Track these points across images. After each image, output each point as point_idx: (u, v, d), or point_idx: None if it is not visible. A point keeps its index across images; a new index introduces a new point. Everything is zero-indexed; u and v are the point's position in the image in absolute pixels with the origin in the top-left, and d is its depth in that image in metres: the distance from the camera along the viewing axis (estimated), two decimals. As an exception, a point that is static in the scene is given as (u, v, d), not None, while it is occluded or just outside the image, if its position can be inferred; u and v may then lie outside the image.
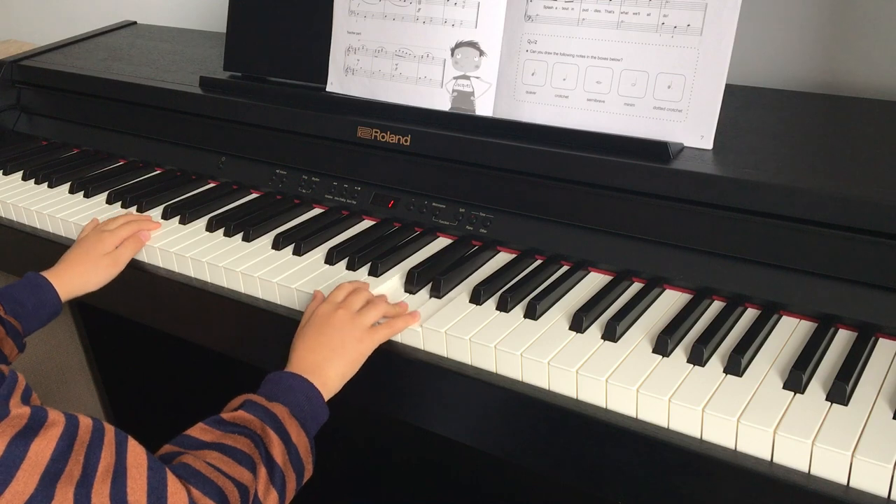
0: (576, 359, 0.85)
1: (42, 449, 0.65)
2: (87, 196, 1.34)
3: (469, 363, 0.90)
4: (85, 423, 0.70)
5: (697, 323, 0.90)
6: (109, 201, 1.31)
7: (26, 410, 0.67)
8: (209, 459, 0.77)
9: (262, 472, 0.78)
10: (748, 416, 0.75)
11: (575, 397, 0.84)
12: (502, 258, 1.06)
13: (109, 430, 0.71)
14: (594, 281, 1.00)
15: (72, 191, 1.36)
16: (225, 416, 0.82)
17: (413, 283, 1.00)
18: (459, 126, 1.13)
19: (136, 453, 0.71)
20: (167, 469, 0.73)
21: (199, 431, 0.80)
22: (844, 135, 1.07)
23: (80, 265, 1.10)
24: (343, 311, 0.93)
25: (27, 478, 0.64)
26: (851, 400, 0.77)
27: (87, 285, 1.11)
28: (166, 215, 1.23)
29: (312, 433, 0.85)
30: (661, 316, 0.92)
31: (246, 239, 1.14)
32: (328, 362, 0.89)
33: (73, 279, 1.09)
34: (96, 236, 1.14)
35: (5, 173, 1.46)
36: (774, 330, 0.88)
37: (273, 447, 0.80)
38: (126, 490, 0.69)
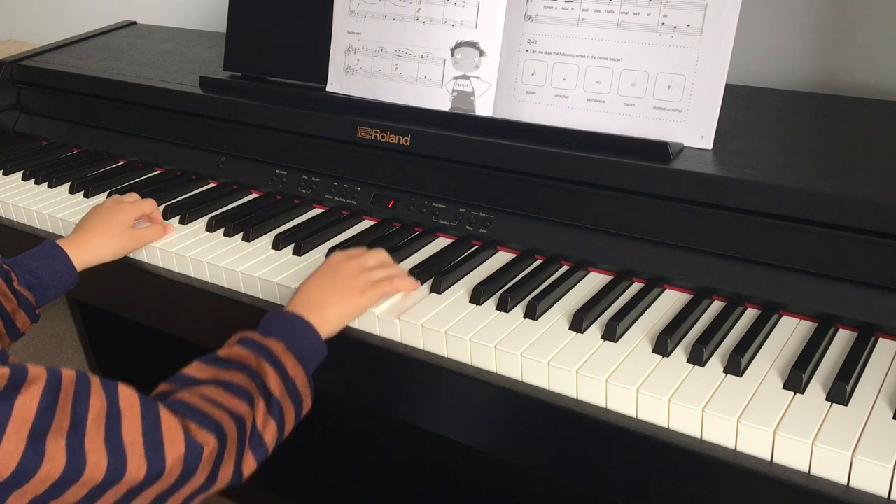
0: (576, 359, 0.85)
1: (26, 405, 0.65)
2: (87, 196, 1.34)
3: (469, 363, 0.90)
4: (68, 374, 0.70)
5: (697, 323, 0.90)
6: (109, 201, 1.31)
7: (5, 370, 0.66)
8: (205, 393, 0.78)
9: (260, 404, 0.79)
10: (748, 416, 0.75)
11: (575, 397, 0.84)
12: (502, 258, 1.06)
13: (95, 379, 0.72)
14: (594, 281, 1.00)
15: (72, 191, 1.36)
16: (221, 353, 0.83)
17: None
18: (459, 126, 1.13)
19: (127, 395, 0.72)
20: (161, 406, 0.73)
21: (195, 369, 0.82)
22: (844, 135, 1.07)
23: (99, 236, 1.10)
24: (355, 262, 0.95)
25: (16, 436, 0.64)
26: (851, 400, 0.77)
27: (104, 256, 1.10)
28: (166, 215, 1.23)
29: (310, 369, 0.86)
30: (661, 316, 0.92)
31: (246, 239, 1.15)
32: (329, 302, 0.91)
33: (90, 250, 1.08)
34: (116, 206, 1.13)
35: (5, 173, 1.46)
36: (774, 330, 0.88)
37: (269, 380, 0.81)
38: (121, 432, 0.69)
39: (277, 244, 1.12)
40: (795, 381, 0.79)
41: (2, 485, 0.64)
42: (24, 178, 1.42)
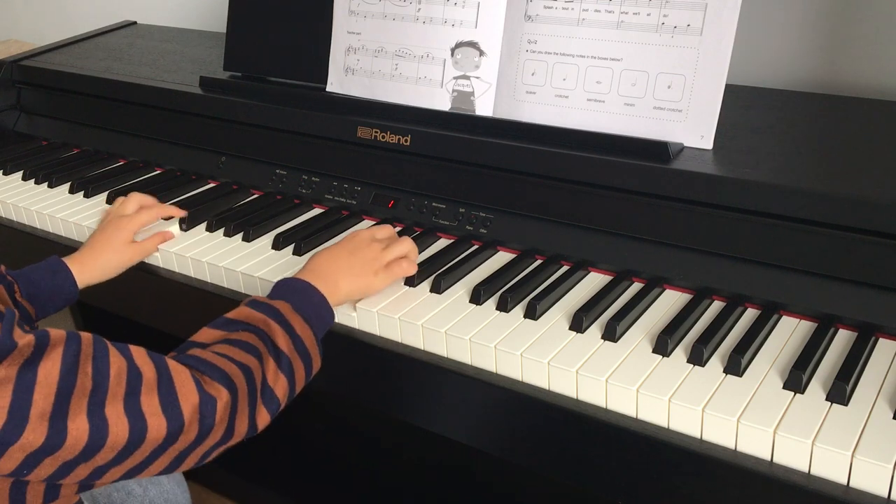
0: (576, 359, 0.85)
1: (50, 369, 0.68)
2: (87, 196, 1.34)
3: (469, 363, 0.90)
4: (86, 337, 0.72)
5: (697, 323, 0.90)
6: (109, 201, 1.31)
7: (31, 338, 0.69)
8: (215, 349, 0.80)
9: (269, 359, 0.81)
10: (748, 416, 0.75)
11: (575, 397, 0.84)
12: (502, 258, 1.06)
13: (108, 342, 0.74)
14: (594, 281, 1.00)
15: (72, 191, 1.36)
16: (229, 315, 0.86)
17: (413, 282, 1.00)
18: (459, 126, 1.13)
19: (139, 353, 0.75)
20: (168, 360, 0.76)
21: (204, 334, 0.84)
22: (844, 135, 1.07)
23: (101, 253, 1.11)
24: (377, 245, 0.98)
25: (44, 399, 0.67)
26: (851, 400, 0.77)
27: (106, 274, 1.12)
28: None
29: (319, 333, 0.88)
30: (661, 316, 0.92)
31: (246, 239, 1.15)
32: (342, 275, 0.94)
33: (94, 268, 1.10)
34: (115, 222, 1.15)
35: (5, 173, 1.46)
36: (774, 330, 0.88)
37: (278, 338, 0.83)
38: (140, 393, 0.71)
39: (277, 244, 1.12)
40: (795, 381, 0.79)
41: (36, 452, 0.66)
42: (24, 178, 1.42)
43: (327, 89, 1.29)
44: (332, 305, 0.92)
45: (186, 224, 1.20)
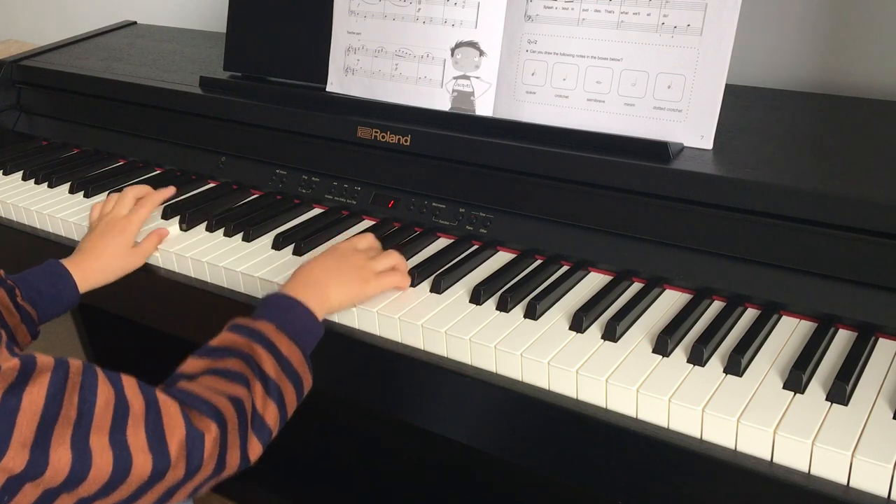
0: (576, 359, 0.85)
1: (35, 396, 0.66)
2: (87, 196, 1.34)
3: (469, 363, 0.90)
4: (75, 364, 0.71)
5: (697, 323, 0.90)
6: (109, 201, 1.31)
7: (16, 362, 0.67)
8: (202, 382, 0.79)
9: (257, 386, 0.79)
10: (748, 416, 0.75)
11: (575, 397, 0.84)
12: (502, 258, 1.06)
13: (100, 370, 0.73)
14: (594, 281, 1.00)
15: (72, 191, 1.36)
16: (212, 342, 0.84)
17: (413, 283, 1.00)
18: (459, 126, 1.13)
19: (130, 384, 0.73)
20: (158, 391, 0.74)
21: (188, 365, 0.82)
22: (844, 135, 1.07)
23: (102, 258, 1.10)
24: (361, 254, 0.98)
25: (27, 426, 0.65)
26: (851, 400, 0.77)
27: (107, 278, 1.11)
28: (166, 215, 1.23)
29: (307, 347, 0.87)
30: (661, 316, 0.92)
31: (246, 239, 1.14)
32: (332, 283, 0.93)
33: (95, 272, 1.09)
34: (117, 225, 1.13)
35: (5, 173, 1.46)
36: (774, 330, 0.88)
37: (263, 362, 0.81)
38: (126, 426, 0.70)
39: (277, 244, 1.12)
40: (795, 381, 0.79)
41: (16, 477, 0.65)
42: (24, 178, 1.42)
43: (327, 89, 1.29)
44: (323, 314, 0.90)
45: (186, 224, 1.20)
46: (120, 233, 1.13)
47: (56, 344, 2.35)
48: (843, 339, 0.86)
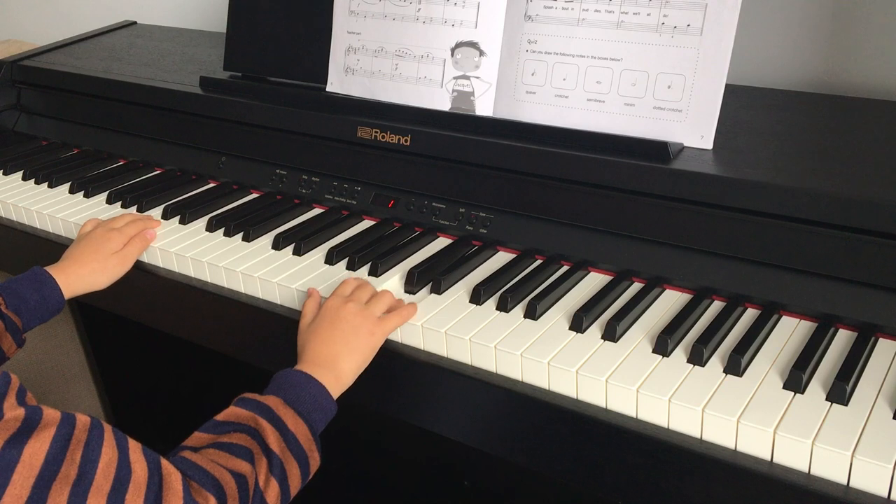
0: (576, 359, 0.85)
1: (36, 451, 0.64)
2: (87, 196, 1.34)
3: (469, 363, 0.90)
4: (82, 420, 0.69)
5: (697, 323, 0.90)
6: (109, 201, 1.31)
7: (21, 412, 0.65)
8: (206, 455, 0.77)
9: (263, 463, 0.77)
10: (748, 416, 0.75)
11: (575, 397, 0.84)
12: (502, 258, 1.06)
13: (108, 428, 0.71)
14: (594, 281, 1.00)
15: (72, 191, 1.36)
16: (218, 416, 0.82)
17: (413, 282, 1.00)
18: (459, 126, 1.13)
19: (135, 448, 0.71)
20: (162, 458, 0.72)
21: (194, 438, 0.80)
22: (844, 135, 1.07)
23: (87, 264, 1.09)
24: (353, 303, 0.93)
25: (23, 481, 0.63)
26: (851, 400, 0.77)
27: (93, 284, 1.10)
28: (166, 215, 1.23)
29: (318, 425, 0.84)
30: (661, 316, 0.92)
31: (246, 239, 1.14)
32: (342, 356, 0.89)
33: (80, 278, 1.08)
34: (104, 234, 1.13)
35: (5, 173, 1.46)
36: (774, 330, 0.88)
37: (268, 436, 0.79)
38: (126, 491, 0.68)
39: (277, 244, 1.12)
40: (795, 381, 0.79)
41: None
42: (24, 178, 1.42)
43: (327, 89, 1.29)
44: (342, 389, 0.87)
45: (186, 224, 1.20)
46: (106, 241, 1.12)
47: (56, 344, 2.35)
48: (843, 339, 0.86)
